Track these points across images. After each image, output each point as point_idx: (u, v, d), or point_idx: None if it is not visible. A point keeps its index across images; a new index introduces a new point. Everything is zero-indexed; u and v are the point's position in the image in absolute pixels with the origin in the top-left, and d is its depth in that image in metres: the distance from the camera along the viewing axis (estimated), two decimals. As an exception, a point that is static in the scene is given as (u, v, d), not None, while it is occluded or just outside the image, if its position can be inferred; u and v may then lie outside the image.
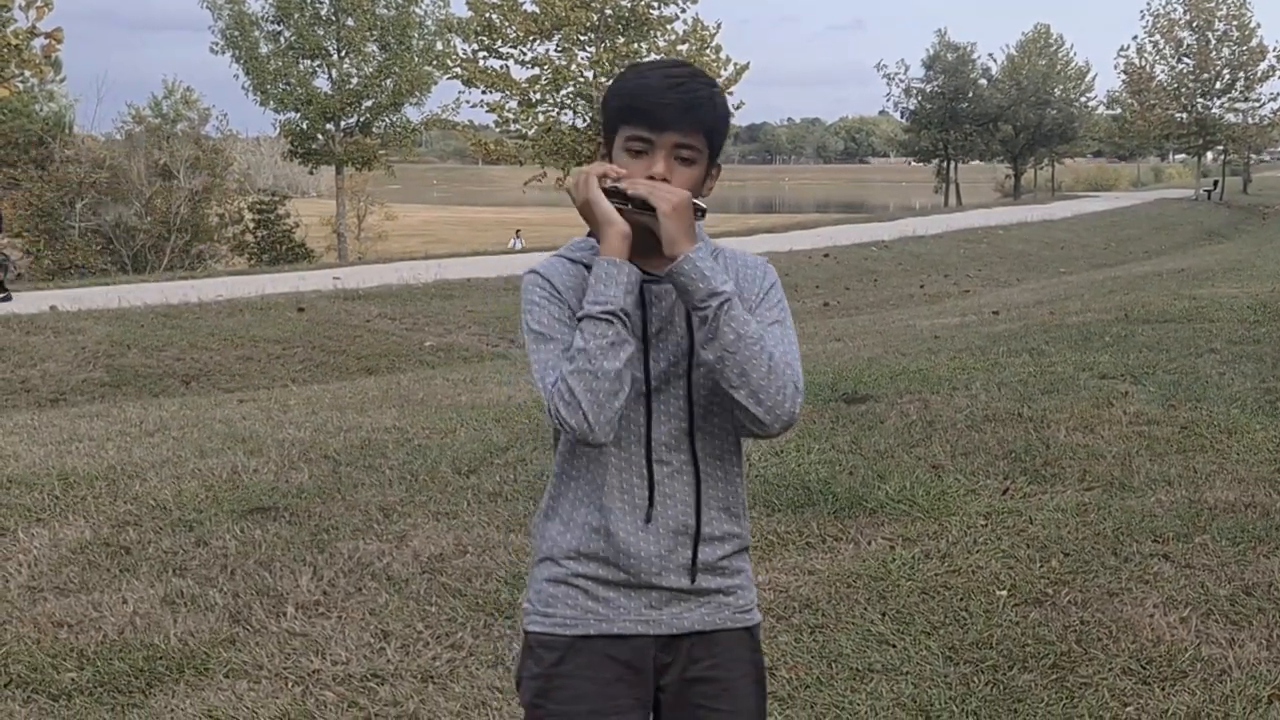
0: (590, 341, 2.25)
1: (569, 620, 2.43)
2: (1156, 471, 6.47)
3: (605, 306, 2.27)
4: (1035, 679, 4.29)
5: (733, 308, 2.28)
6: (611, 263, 2.29)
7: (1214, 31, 62.01)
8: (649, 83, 2.36)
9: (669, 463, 2.41)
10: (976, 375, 9.00)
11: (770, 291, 2.47)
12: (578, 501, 2.44)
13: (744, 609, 2.51)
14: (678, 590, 2.43)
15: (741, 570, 2.51)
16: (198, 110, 48.01)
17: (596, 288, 2.29)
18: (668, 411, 2.39)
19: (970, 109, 69.04)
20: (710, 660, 2.46)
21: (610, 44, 43.96)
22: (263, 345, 17.37)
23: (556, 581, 2.45)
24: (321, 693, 4.37)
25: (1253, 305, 12.32)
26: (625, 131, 2.37)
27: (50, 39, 25.55)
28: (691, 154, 2.37)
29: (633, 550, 2.40)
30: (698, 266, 2.28)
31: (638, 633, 2.43)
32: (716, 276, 2.29)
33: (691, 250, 2.28)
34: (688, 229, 2.30)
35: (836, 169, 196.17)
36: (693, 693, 2.47)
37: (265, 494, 6.70)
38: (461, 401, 9.65)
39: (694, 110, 2.35)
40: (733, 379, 2.29)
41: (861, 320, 17.40)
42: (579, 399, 2.24)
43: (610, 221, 2.30)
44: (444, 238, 54.71)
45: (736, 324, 2.28)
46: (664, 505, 2.41)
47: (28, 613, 5.15)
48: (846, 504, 6.06)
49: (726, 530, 2.47)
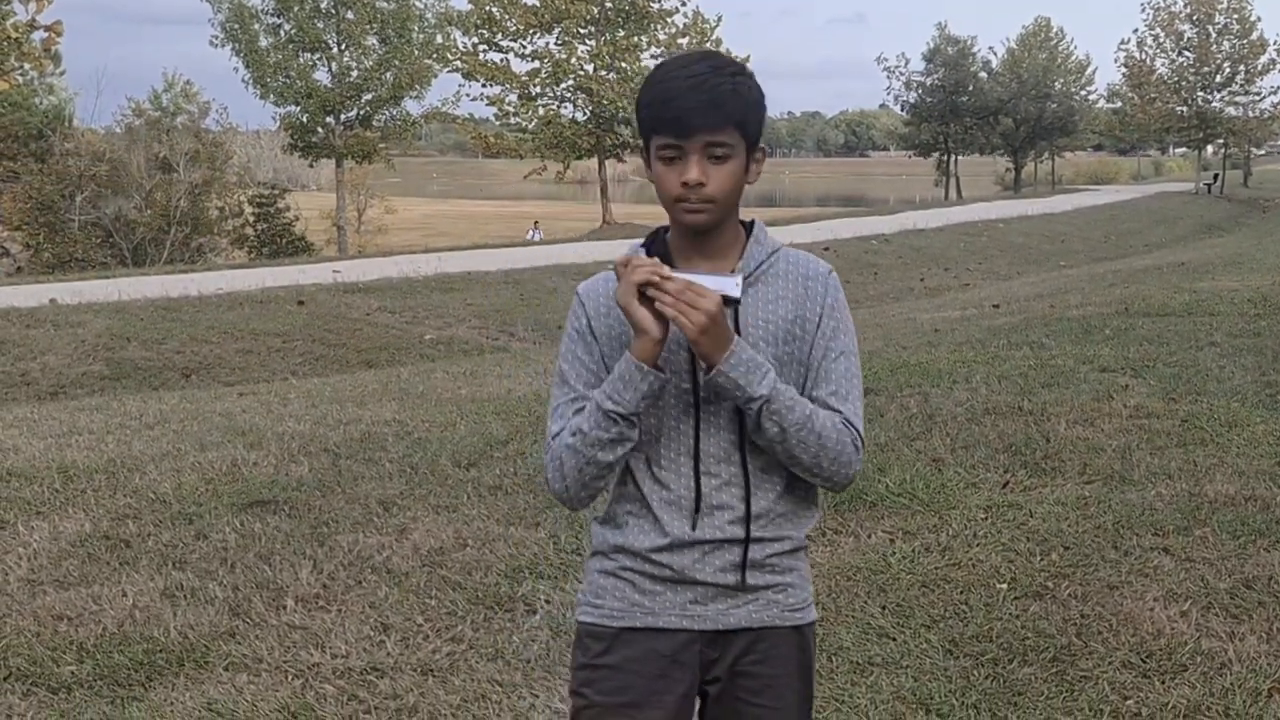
0: (592, 431, 2.31)
1: (616, 612, 2.46)
2: (1157, 465, 6.46)
3: (618, 408, 2.29)
4: (1035, 672, 4.29)
5: (772, 404, 2.29)
6: (638, 368, 2.28)
7: (1214, 25, 62.02)
8: (671, 86, 2.31)
9: (718, 475, 2.40)
10: (976, 368, 8.99)
11: (839, 314, 2.45)
12: (630, 509, 2.46)
13: (794, 607, 2.50)
14: (724, 587, 2.43)
15: (794, 569, 2.50)
16: (198, 103, 48.05)
17: (616, 385, 2.30)
18: (717, 424, 2.39)
19: (971, 102, 69.06)
20: (756, 656, 2.47)
21: (610, 37, 43.97)
22: (263, 338, 17.37)
23: (606, 574, 2.48)
24: (321, 686, 4.37)
25: (1253, 298, 12.31)
26: (656, 140, 2.34)
27: (50, 32, 25.55)
28: (725, 150, 2.31)
29: (679, 551, 2.41)
30: (731, 379, 2.27)
31: (682, 627, 2.44)
32: (752, 381, 2.28)
33: (722, 361, 2.26)
34: (718, 344, 2.26)
35: (837, 162, 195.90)
36: (737, 687, 2.47)
37: (265, 487, 6.69)
38: (461, 395, 9.65)
39: (718, 108, 2.29)
40: (786, 460, 2.36)
41: (861, 313, 17.38)
42: (566, 474, 2.37)
43: (645, 331, 2.26)
44: (444, 231, 54.65)
45: (778, 418, 2.29)
46: (711, 515, 2.41)
47: (27, 606, 5.15)
48: (846, 497, 6.05)
49: (778, 533, 2.46)
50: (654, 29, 45.46)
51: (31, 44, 25.87)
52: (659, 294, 2.23)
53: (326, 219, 47.85)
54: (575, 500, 2.39)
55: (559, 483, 2.38)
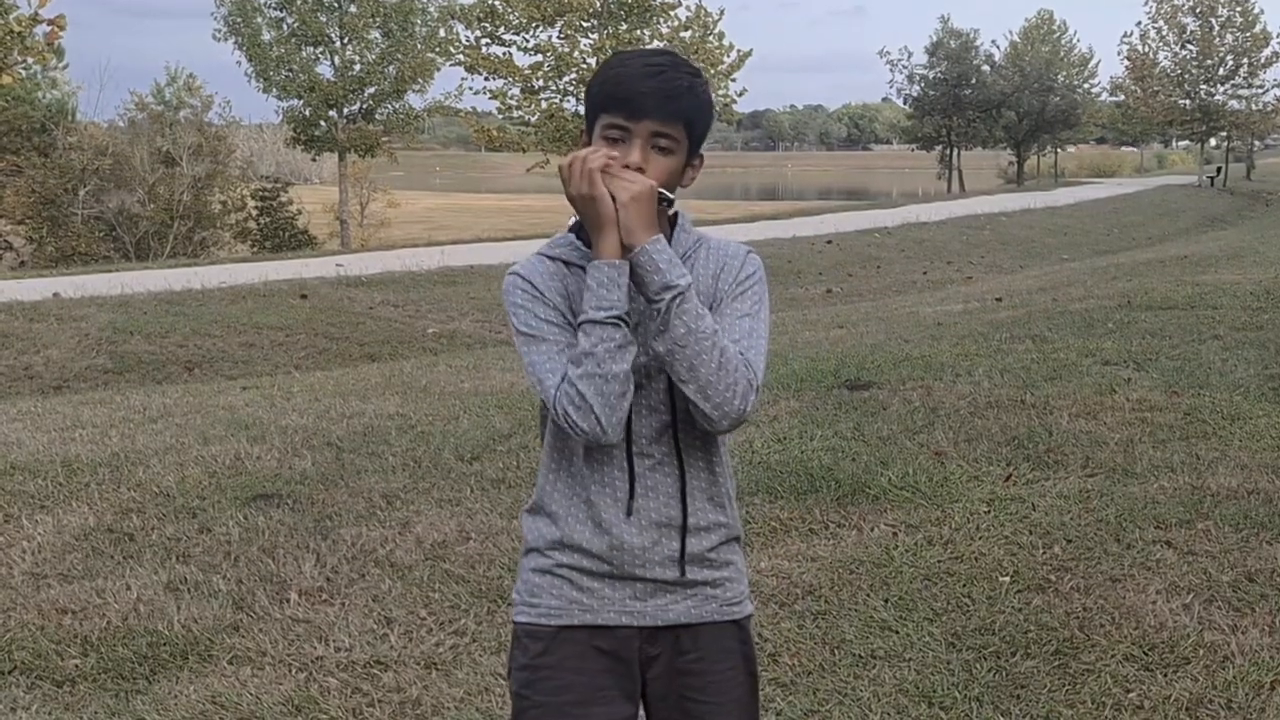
0: (598, 345, 2.25)
1: (554, 610, 2.43)
2: (1159, 458, 6.46)
3: (610, 312, 2.26)
4: (1038, 665, 4.30)
5: (685, 301, 2.26)
6: (612, 265, 2.27)
7: (1217, 18, 61.92)
8: (628, 70, 2.34)
9: (651, 455, 2.40)
10: (979, 362, 8.99)
11: (748, 282, 2.43)
12: (562, 495, 2.43)
13: (732, 601, 2.49)
14: (663, 582, 2.42)
15: (730, 562, 2.50)
16: (200, 97, 47.99)
17: (599, 292, 2.27)
18: (649, 405, 2.38)
19: (973, 95, 68.98)
20: (697, 653, 2.46)
21: (613, 30, 43.89)
22: (266, 332, 17.37)
23: (542, 572, 2.45)
24: (325, 679, 4.38)
25: (1256, 291, 12.31)
26: (604, 119, 2.36)
27: (53, 26, 25.52)
28: (669, 143, 2.34)
29: (617, 542, 2.39)
30: (653, 259, 2.26)
31: (622, 624, 2.43)
32: (673, 270, 2.27)
33: (649, 242, 2.26)
34: (646, 220, 2.27)
35: (839, 156, 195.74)
36: (680, 684, 2.47)
37: (268, 481, 6.70)
38: (464, 388, 9.66)
39: (673, 99, 2.32)
40: (682, 373, 2.28)
41: (864, 307, 17.38)
42: (590, 403, 2.25)
43: (612, 222, 2.27)
44: (446, 224, 54.66)
45: (688, 318, 2.26)
46: (647, 498, 2.40)
47: (32, 599, 5.16)
48: (849, 490, 6.06)
49: (714, 520, 2.46)
50: (656, 22, 45.38)
51: (34, 38, 25.85)
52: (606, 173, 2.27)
53: (329, 213, 47.84)
54: (609, 427, 2.27)
55: (587, 418, 2.26)
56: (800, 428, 7.21)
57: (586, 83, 2.45)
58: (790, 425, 7.24)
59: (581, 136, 2.45)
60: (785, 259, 26.13)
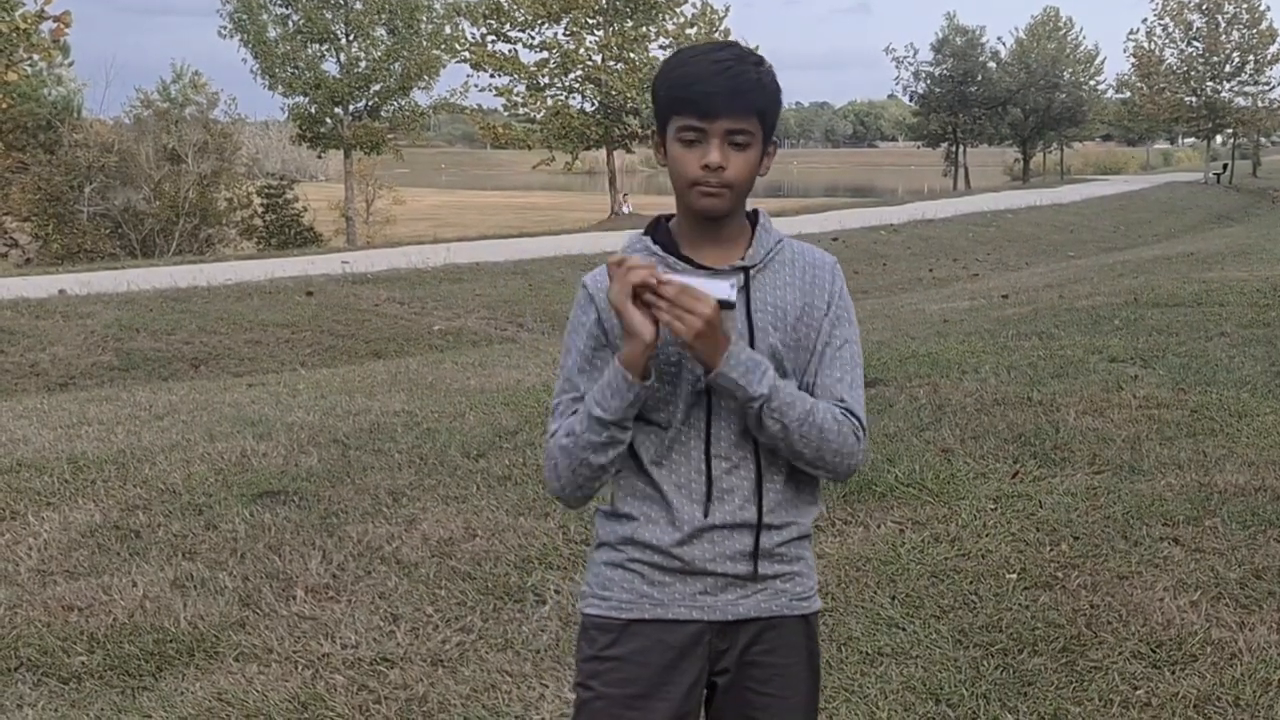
0: (584, 434, 2.33)
1: (624, 604, 2.44)
2: (1166, 455, 6.45)
3: (605, 415, 2.30)
4: (1045, 662, 4.29)
5: (772, 400, 2.28)
6: (624, 378, 2.27)
7: (1224, 14, 61.84)
8: (696, 70, 2.31)
9: (728, 458, 2.40)
10: (986, 359, 8.98)
11: (843, 303, 2.45)
12: (638, 497, 2.44)
13: (801, 596, 2.50)
14: (735, 577, 2.42)
15: (801, 557, 2.50)
16: (206, 94, 47.92)
17: (604, 392, 2.30)
18: (729, 408, 2.37)
19: (979, 92, 68.90)
20: (765, 646, 2.46)
21: (619, 27, 43.92)
22: (271, 329, 17.39)
23: (613, 565, 2.46)
24: (331, 676, 4.37)
25: (1262, 289, 12.29)
26: (677, 122, 2.33)
27: (58, 23, 25.57)
28: (745, 138, 2.32)
29: (691, 541, 2.40)
30: (731, 379, 2.26)
31: (691, 618, 2.43)
32: (752, 380, 2.27)
33: (722, 364, 2.25)
34: (714, 348, 2.25)
35: (845, 153, 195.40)
36: (745, 676, 2.47)
37: (274, 478, 6.70)
38: (470, 385, 9.66)
39: (744, 95, 2.30)
40: (789, 455, 2.36)
41: (870, 304, 17.36)
42: (560, 474, 2.39)
43: (635, 334, 2.24)
44: (452, 222, 54.65)
45: (779, 415, 2.29)
46: (723, 500, 2.40)
47: (38, 596, 5.16)
48: (855, 488, 6.05)
49: (787, 519, 2.45)
50: (662, 19, 45.42)
51: (40, 35, 25.89)
52: (655, 299, 2.22)
53: (335, 210, 47.86)
54: (571, 499, 2.42)
55: (555, 482, 2.41)
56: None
57: (653, 84, 2.42)
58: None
59: (655, 140, 2.43)
60: (791, 256, 26.05)
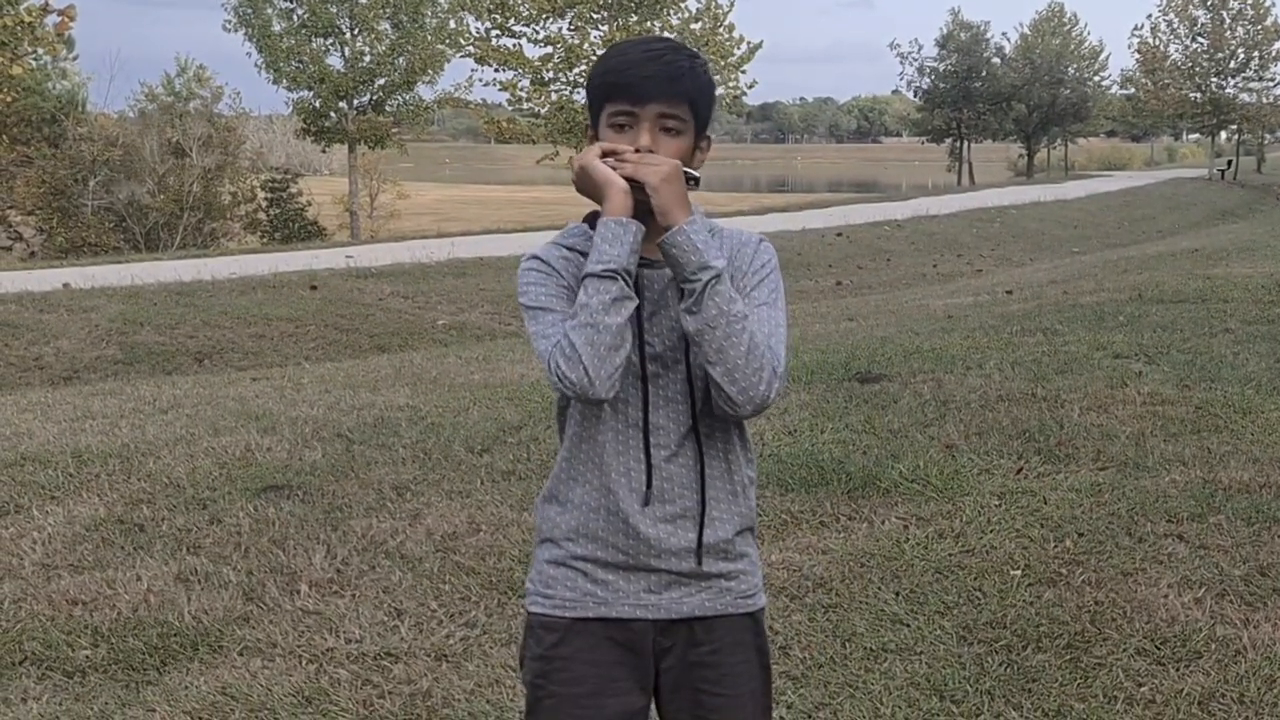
0: (593, 298, 2.25)
1: (568, 602, 2.44)
2: (1171, 452, 6.44)
3: (608, 265, 2.26)
4: (1049, 659, 4.29)
5: (720, 283, 2.26)
6: (617, 221, 2.28)
7: (1229, 10, 61.79)
8: (629, 58, 2.36)
9: (667, 446, 2.39)
10: (990, 355, 8.97)
11: (764, 270, 2.43)
12: (579, 483, 2.43)
13: (746, 594, 2.49)
14: (678, 574, 2.42)
15: (745, 554, 2.50)
16: (210, 88, 47.92)
17: (601, 247, 2.28)
18: (667, 396, 2.38)
19: (984, 88, 68.85)
20: (711, 645, 2.46)
21: (623, 22, 43.81)
22: (276, 323, 17.40)
23: (556, 563, 2.46)
24: (335, 670, 4.38)
25: (1267, 285, 12.28)
26: (609, 108, 2.37)
27: (63, 16, 25.58)
28: (677, 124, 2.36)
29: (633, 532, 2.39)
30: (690, 239, 2.26)
31: (636, 616, 2.43)
32: (710, 250, 2.28)
33: (686, 221, 2.27)
34: (680, 199, 2.28)
35: (849, 148, 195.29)
36: (693, 676, 2.46)
37: (278, 472, 6.70)
38: (474, 380, 9.66)
39: (676, 81, 2.34)
40: (710, 355, 2.28)
41: (874, 299, 17.36)
42: (579, 353, 2.23)
43: (609, 181, 2.29)
44: (456, 216, 54.63)
45: (721, 300, 2.26)
46: (664, 489, 2.39)
47: (42, 590, 5.17)
48: (860, 483, 6.05)
49: (731, 511, 2.45)
50: (666, 14, 45.36)
51: (45, 28, 25.91)
52: (617, 160, 2.29)
53: (339, 204, 47.82)
54: (596, 380, 2.23)
55: (575, 369, 2.22)
56: (811, 420, 7.19)
57: (588, 77, 2.45)
58: (801, 418, 7.23)
59: (587, 131, 2.46)
60: (795, 251, 26.11)
